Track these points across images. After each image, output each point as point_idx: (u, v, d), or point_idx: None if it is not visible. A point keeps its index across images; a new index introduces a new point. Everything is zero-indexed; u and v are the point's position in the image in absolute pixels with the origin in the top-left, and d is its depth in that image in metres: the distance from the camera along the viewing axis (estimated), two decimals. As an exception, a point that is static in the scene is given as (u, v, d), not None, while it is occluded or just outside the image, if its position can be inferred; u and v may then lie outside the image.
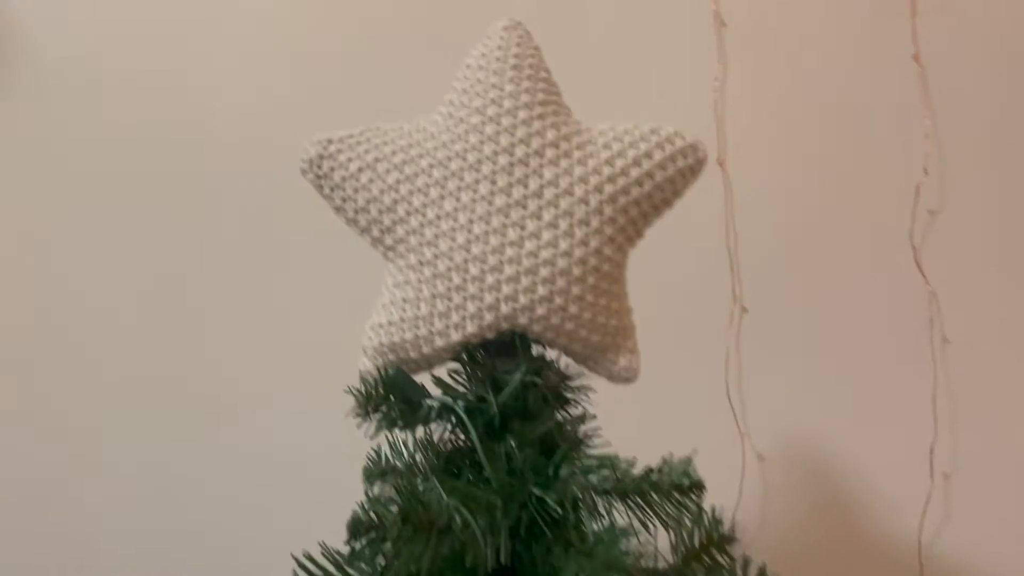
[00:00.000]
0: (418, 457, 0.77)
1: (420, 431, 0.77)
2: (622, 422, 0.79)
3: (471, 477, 0.76)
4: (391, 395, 0.72)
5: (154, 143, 1.27)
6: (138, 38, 1.28)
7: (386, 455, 0.79)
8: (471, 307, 0.68)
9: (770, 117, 1.23)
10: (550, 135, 0.71)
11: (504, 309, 0.68)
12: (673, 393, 1.18)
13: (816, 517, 1.25)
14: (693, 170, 0.73)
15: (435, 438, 0.76)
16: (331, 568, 0.75)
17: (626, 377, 0.74)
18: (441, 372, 0.76)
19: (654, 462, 0.80)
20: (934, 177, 1.22)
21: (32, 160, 1.28)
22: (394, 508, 0.72)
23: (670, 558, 0.75)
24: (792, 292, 1.24)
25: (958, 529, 1.24)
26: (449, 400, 0.73)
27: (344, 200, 0.72)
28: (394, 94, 1.24)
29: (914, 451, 1.23)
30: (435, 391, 0.75)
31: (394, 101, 1.23)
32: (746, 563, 0.81)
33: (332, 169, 0.72)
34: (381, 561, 0.74)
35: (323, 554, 0.76)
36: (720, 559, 0.78)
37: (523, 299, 0.68)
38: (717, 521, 0.78)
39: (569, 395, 0.78)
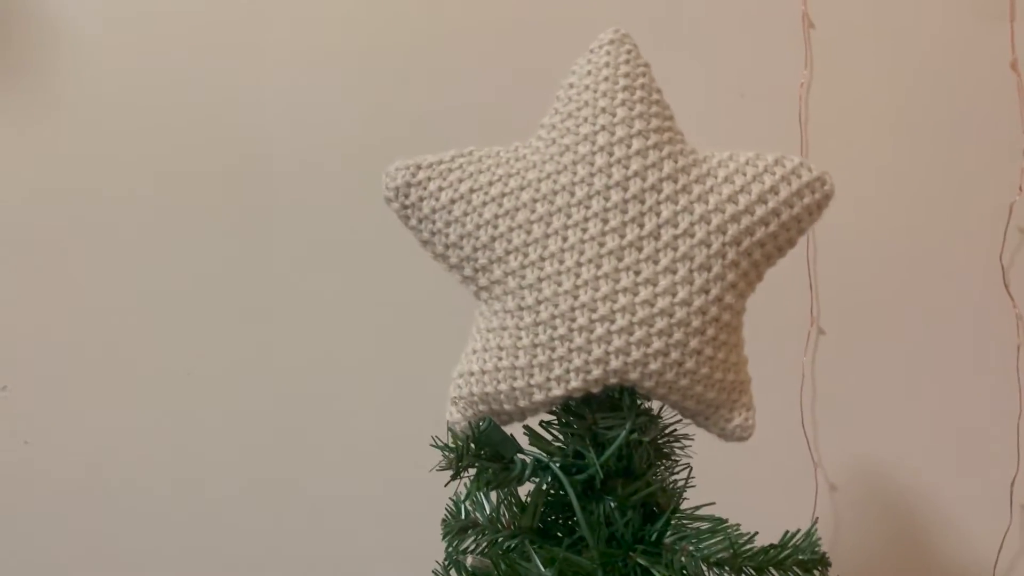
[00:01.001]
0: (503, 511, 0.71)
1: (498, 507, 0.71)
2: (691, 448, 0.73)
3: (560, 535, 0.70)
4: (483, 452, 0.65)
5: (205, 145, 1.19)
6: (190, 37, 1.19)
7: (466, 508, 0.72)
8: (576, 360, 0.61)
9: (856, 124, 1.15)
10: (667, 168, 0.63)
11: (614, 363, 0.61)
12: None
13: (889, 550, 1.19)
14: (820, 206, 0.66)
15: (525, 492, 0.70)
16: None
17: (740, 436, 0.67)
18: (533, 422, 0.69)
19: (722, 489, 0.74)
20: (1029, 194, 1.14)
21: (74, 162, 1.20)
22: None
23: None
24: (872, 313, 1.16)
25: (1034, 564, 1.18)
26: (545, 457, 0.66)
27: (433, 234, 0.65)
28: (459, 99, 1.16)
29: (994, 483, 1.16)
30: (526, 443, 0.68)
31: (460, 107, 1.15)
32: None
33: (421, 199, 0.65)
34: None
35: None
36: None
37: (636, 353, 0.61)
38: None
39: (668, 449, 0.71)
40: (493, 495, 0.72)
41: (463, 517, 0.72)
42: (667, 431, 0.71)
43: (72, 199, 1.18)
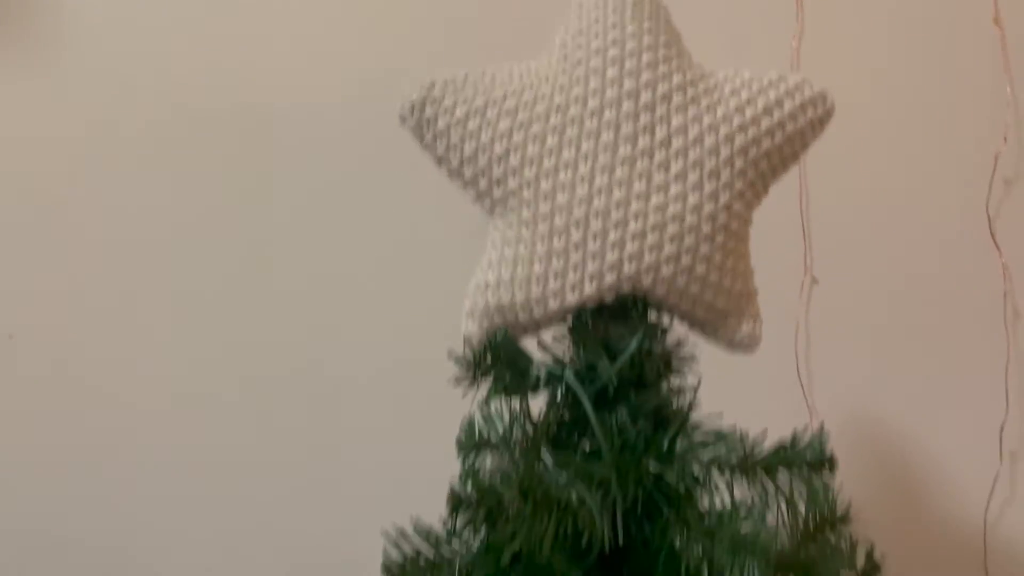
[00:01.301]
0: (516, 430, 0.72)
1: (517, 404, 0.72)
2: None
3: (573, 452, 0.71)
4: (499, 361, 0.67)
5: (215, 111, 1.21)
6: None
7: (480, 427, 0.74)
8: (591, 266, 0.63)
9: (846, 77, 1.17)
10: (676, 79, 0.65)
11: (627, 269, 0.63)
12: (740, 366, 1.13)
13: (881, 495, 1.21)
14: (822, 122, 0.68)
15: (536, 410, 0.71)
16: (427, 546, 0.71)
17: (748, 345, 0.69)
18: (546, 338, 0.70)
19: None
20: (1013, 145, 1.17)
21: (86, 131, 1.21)
22: (498, 483, 0.67)
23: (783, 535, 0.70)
24: (864, 262, 1.19)
25: (1022, 513, 1.20)
26: (559, 368, 0.68)
27: (448, 149, 0.66)
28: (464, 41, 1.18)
29: (984, 429, 1.19)
30: (540, 357, 0.69)
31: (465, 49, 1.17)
32: (853, 545, 0.77)
33: (436, 115, 0.66)
34: (480, 538, 0.70)
35: (416, 530, 0.71)
36: (834, 539, 0.74)
37: (648, 257, 0.62)
38: (834, 499, 0.73)
39: (677, 364, 0.73)
40: (507, 415, 0.73)
41: (478, 436, 0.73)
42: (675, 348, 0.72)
43: (76, 142, 1.19)
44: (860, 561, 0.77)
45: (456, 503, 0.67)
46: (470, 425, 0.74)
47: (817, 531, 0.71)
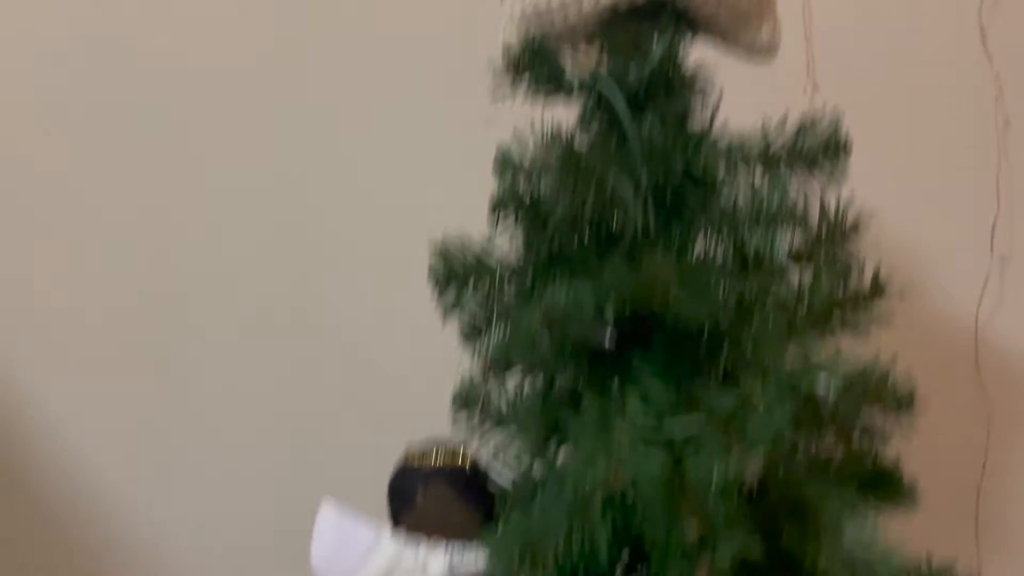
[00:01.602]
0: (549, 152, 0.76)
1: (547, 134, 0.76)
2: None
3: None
4: (535, 64, 0.71)
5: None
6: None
7: (514, 150, 0.78)
8: (623, -37, 0.67)
9: None
10: None
11: (658, -35, 0.67)
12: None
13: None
14: None
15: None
16: (470, 255, 0.76)
17: (768, 50, 0.73)
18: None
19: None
20: (1004, -49, 1.22)
21: None
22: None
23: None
24: (862, 69, 1.23)
25: (1011, 314, 1.27)
26: (592, 73, 0.72)
27: None
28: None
29: (975, 230, 1.25)
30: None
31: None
32: (862, 263, 0.83)
33: None
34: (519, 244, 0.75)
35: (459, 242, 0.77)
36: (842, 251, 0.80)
37: (677, -47, 0.67)
38: (845, 210, 0.79)
39: (701, 80, 0.77)
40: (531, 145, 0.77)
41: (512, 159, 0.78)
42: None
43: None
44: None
45: (497, 205, 0.73)
46: (505, 149, 0.78)
47: (830, 236, 0.77)
